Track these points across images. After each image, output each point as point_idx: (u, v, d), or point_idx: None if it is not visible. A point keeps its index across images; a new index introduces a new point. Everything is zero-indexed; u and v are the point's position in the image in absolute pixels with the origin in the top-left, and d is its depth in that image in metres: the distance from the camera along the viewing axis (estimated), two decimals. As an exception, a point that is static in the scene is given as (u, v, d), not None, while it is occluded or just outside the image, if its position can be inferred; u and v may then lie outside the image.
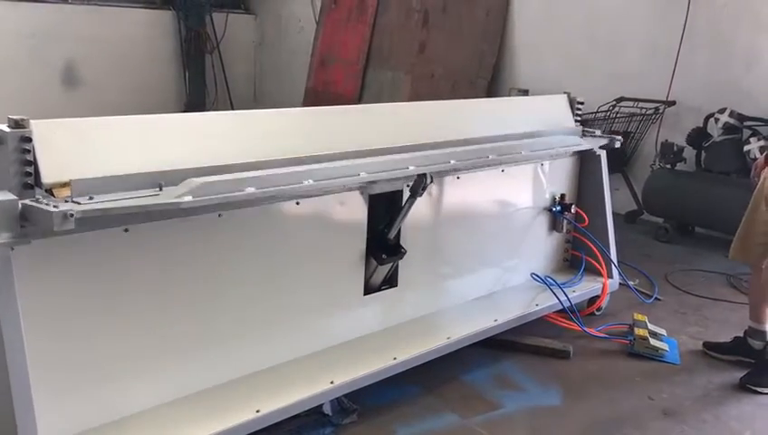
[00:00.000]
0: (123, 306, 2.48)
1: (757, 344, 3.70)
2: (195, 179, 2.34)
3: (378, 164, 2.93)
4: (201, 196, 2.31)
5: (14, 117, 2.11)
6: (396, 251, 3.28)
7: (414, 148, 3.14)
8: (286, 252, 2.92)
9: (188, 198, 2.28)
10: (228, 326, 2.79)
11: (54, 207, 2.03)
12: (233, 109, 9.91)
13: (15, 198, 2.07)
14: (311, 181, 2.64)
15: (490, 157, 3.40)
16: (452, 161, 3.20)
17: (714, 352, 3.88)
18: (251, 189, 2.45)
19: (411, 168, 3.00)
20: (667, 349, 3.85)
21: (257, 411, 2.64)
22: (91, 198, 2.15)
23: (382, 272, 3.32)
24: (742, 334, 3.80)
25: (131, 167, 2.35)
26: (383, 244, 3.24)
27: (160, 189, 2.31)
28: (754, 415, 3.34)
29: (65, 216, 2.01)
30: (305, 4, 9.71)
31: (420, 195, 3.12)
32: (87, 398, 2.44)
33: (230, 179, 2.42)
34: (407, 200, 3.17)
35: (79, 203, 2.12)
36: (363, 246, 3.20)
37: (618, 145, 4.22)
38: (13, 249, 2.08)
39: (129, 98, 8.99)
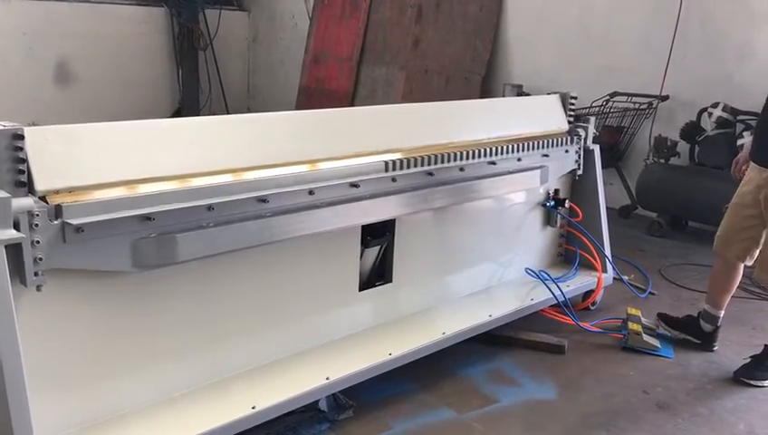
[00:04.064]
0: (120, 303, 2.48)
1: (707, 327, 3.84)
2: (171, 247, 2.38)
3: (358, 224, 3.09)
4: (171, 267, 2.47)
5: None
6: (381, 233, 3.29)
7: (398, 175, 3.14)
8: (281, 250, 2.91)
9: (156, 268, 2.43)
10: (223, 323, 2.79)
11: (36, 261, 2.13)
12: (226, 105, 9.91)
13: (8, 195, 2.06)
14: (288, 242, 2.75)
15: (464, 203, 3.54)
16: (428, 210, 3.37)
17: (664, 323, 4.01)
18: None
19: (389, 214, 3.17)
20: (660, 344, 3.86)
21: (253, 408, 2.65)
22: (80, 230, 2.19)
23: (370, 256, 3.32)
24: (696, 314, 3.89)
25: (126, 174, 2.37)
26: (368, 227, 3.23)
27: (149, 219, 2.34)
28: (749, 408, 3.36)
29: (38, 286, 2.17)
30: (298, 1, 9.69)
31: None
32: (82, 396, 2.44)
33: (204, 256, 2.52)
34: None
35: (64, 240, 2.19)
36: (358, 243, 3.21)
37: (576, 176, 4.25)
38: (6, 247, 2.07)
39: (122, 95, 8.97)
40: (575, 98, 4.21)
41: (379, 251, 3.36)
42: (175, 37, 9.59)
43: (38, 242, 2.13)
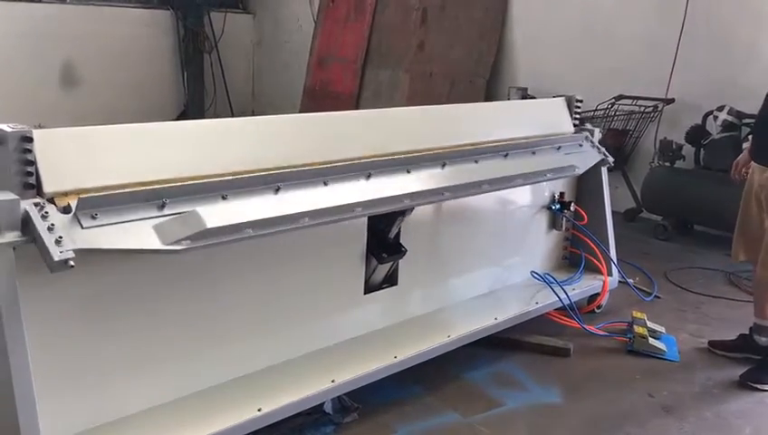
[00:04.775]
0: (125, 305, 2.48)
1: (763, 341, 3.71)
2: (196, 217, 2.33)
3: (374, 202, 2.90)
4: (199, 242, 2.32)
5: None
6: (396, 250, 3.29)
7: (409, 162, 3.12)
8: (286, 251, 2.92)
9: (187, 244, 2.29)
10: (229, 325, 2.80)
11: (57, 241, 2.04)
12: (231, 107, 9.93)
13: (17, 197, 2.06)
14: (307, 220, 2.63)
15: (483, 187, 3.37)
16: (446, 193, 3.18)
17: (720, 350, 3.89)
18: (249, 231, 2.45)
19: (406, 201, 3.01)
20: (666, 347, 3.85)
21: (259, 410, 2.65)
22: (94, 217, 2.16)
23: (382, 271, 3.32)
24: (747, 331, 3.80)
25: (133, 176, 2.35)
26: (383, 243, 3.25)
27: (163, 206, 2.31)
28: (755, 412, 3.35)
29: (65, 262, 2.03)
30: (304, 3, 9.71)
31: (409, 214, 3.20)
32: (90, 397, 2.45)
33: (229, 225, 2.40)
34: (398, 217, 3.20)
35: (81, 226, 2.13)
36: (363, 245, 3.21)
37: (610, 165, 4.20)
38: (15, 249, 2.08)
39: (127, 97, 8.99)
40: (581, 101, 4.21)
41: (391, 266, 3.36)
42: (180, 40, 9.62)
43: (54, 225, 2.09)
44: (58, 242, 2.05)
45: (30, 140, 2.11)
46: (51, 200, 2.18)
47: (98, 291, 2.40)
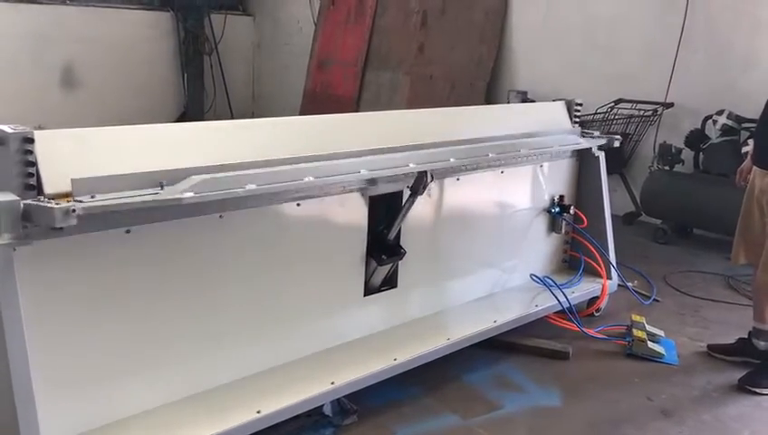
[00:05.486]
0: (125, 307, 2.49)
1: (762, 344, 3.71)
2: (196, 176, 2.34)
3: (378, 162, 2.91)
4: (202, 192, 2.30)
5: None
6: (396, 252, 3.29)
7: (414, 147, 3.13)
8: (287, 253, 2.92)
9: (190, 194, 2.27)
10: (229, 327, 2.80)
11: (57, 204, 2.03)
12: (231, 109, 9.94)
13: (17, 198, 2.06)
14: (311, 178, 2.61)
15: (489, 155, 3.38)
16: (452, 159, 3.19)
17: (718, 353, 3.89)
18: (252, 186, 2.43)
19: (411, 165, 2.99)
20: (664, 351, 3.86)
21: (258, 412, 2.65)
22: (92, 197, 2.16)
23: (382, 272, 3.33)
24: (746, 335, 3.81)
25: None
26: (383, 244, 3.25)
27: (162, 188, 2.31)
28: (753, 416, 3.35)
29: (67, 211, 2.00)
30: (304, 6, 9.72)
31: (421, 193, 3.16)
32: (89, 398, 2.45)
33: (231, 176, 2.41)
34: (407, 199, 3.19)
35: (81, 201, 2.12)
36: (364, 247, 3.21)
37: (616, 144, 4.20)
38: (15, 250, 2.08)
39: (127, 99, 8.99)
40: (580, 104, 4.22)
41: (390, 268, 3.36)
42: (180, 42, 9.63)
43: (52, 200, 2.08)
44: (58, 204, 2.04)
45: (31, 141, 2.12)
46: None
47: (98, 292, 2.41)
